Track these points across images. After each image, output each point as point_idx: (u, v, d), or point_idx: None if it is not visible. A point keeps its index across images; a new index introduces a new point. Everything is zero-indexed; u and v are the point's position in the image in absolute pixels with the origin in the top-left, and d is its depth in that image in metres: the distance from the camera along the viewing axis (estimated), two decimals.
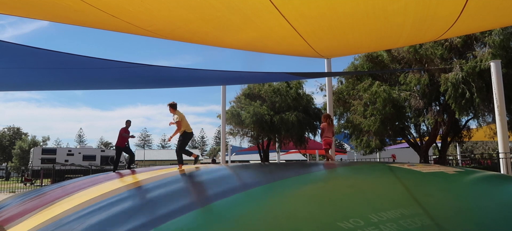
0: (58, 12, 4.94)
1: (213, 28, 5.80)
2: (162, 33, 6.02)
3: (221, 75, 8.81)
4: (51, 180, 24.74)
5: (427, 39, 8.29)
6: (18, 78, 7.30)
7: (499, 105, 9.25)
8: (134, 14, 5.00)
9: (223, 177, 4.97)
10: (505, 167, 9.10)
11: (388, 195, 3.23)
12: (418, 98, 12.04)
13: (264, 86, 18.53)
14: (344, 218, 2.54)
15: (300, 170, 4.86)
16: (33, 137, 55.76)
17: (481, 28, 8.78)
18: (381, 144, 14.02)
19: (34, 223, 4.06)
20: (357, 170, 4.85)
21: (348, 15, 5.48)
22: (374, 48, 10.64)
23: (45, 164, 28.20)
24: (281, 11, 5.06)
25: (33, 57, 5.98)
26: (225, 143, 18.94)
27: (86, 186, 5.77)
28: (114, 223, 3.20)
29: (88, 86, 10.37)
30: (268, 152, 20.68)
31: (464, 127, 14.07)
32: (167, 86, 10.87)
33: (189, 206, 3.38)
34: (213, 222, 2.85)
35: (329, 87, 11.61)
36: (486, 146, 50.04)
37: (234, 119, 18.06)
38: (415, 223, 2.45)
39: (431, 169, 4.17)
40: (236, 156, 36.71)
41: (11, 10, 4.94)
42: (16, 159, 49.50)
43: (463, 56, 11.48)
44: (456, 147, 30.29)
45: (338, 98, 14.24)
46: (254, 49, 7.76)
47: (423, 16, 5.51)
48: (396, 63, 12.77)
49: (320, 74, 12.11)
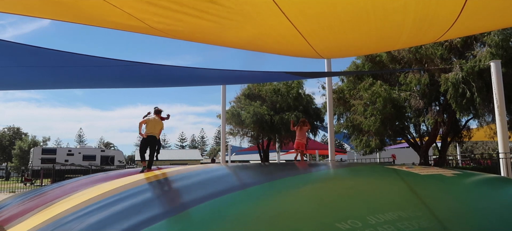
0: (58, 10, 4.94)
1: (212, 25, 5.80)
2: (161, 29, 6.01)
3: (221, 74, 8.82)
4: (51, 180, 24.75)
5: (426, 40, 8.29)
6: (18, 78, 7.31)
7: (499, 105, 9.25)
8: (132, 10, 4.99)
9: (222, 176, 4.98)
10: (505, 167, 9.11)
11: (386, 197, 3.23)
12: (418, 98, 12.04)
13: (264, 86, 18.54)
14: (342, 219, 2.54)
15: (298, 170, 4.87)
16: (33, 137, 55.75)
17: (480, 30, 8.77)
18: (381, 144, 14.02)
19: (34, 223, 4.07)
20: (355, 171, 4.86)
21: (348, 14, 5.48)
22: (374, 50, 10.63)
23: (45, 164, 28.22)
24: (282, 8, 5.06)
25: (33, 56, 5.99)
26: (225, 143, 18.95)
27: (85, 186, 5.78)
28: (113, 222, 3.21)
29: (88, 85, 10.38)
30: (268, 152, 20.70)
31: (464, 127, 14.07)
32: (167, 86, 10.88)
33: (188, 204, 3.39)
34: (210, 221, 2.85)
35: (329, 87, 11.62)
36: (486, 146, 50.00)
37: (234, 119, 18.08)
38: (412, 225, 2.46)
39: (429, 171, 4.17)
40: (236, 156, 36.73)
41: (11, 9, 4.95)
42: (16, 159, 49.48)
43: (463, 56, 11.48)
44: (456, 147, 30.28)
45: (338, 98, 14.24)
46: (254, 48, 7.75)
47: (423, 15, 5.51)
48: (396, 63, 12.78)
49: (320, 74, 12.12)
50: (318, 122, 19.23)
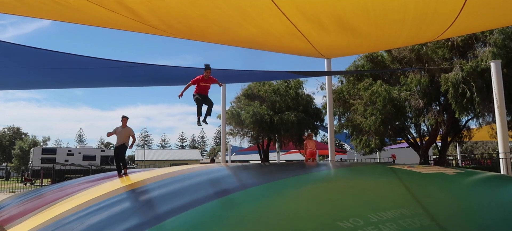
0: (58, 10, 4.94)
1: (213, 24, 5.80)
2: (161, 28, 6.01)
3: (221, 73, 8.82)
4: (51, 180, 24.71)
5: (427, 38, 8.28)
6: (19, 78, 7.31)
7: (499, 105, 9.25)
8: (134, 10, 5.00)
9: (223, 176, 4.97)
10: (505, 167, 9.10)
11: (387, 195, 3.22)
12: (418, 98, 12.03)
13: (264, 86, 18.52)
14: (344, 218, 2.53)
15: (300, 170, 4.86)
16: (33, 137, 55.68)
17: (480, 28, 8.78)
18: (381, 144, 14.00)
19: (34, 223, 4.06)
20: (357, 171, 4.85)
21: (348, 13, 5.48)
22: (374, 48, 10.64)
23: (45, 164, 28.19)
24: (282, 9, 5.06)
25: (34, 57, 5.99)
26: (225, 143, 18.94)
27: (85, 187, 5.76)
28: (113, 223, 3.20)
29: (89, 84, 10.39)
30: (268, 152, 20.67)
31: (464, 127, 14.07)
32: (168, 84, 10.90)
33: (188, 205, 3.38)
34: (212, 221, 2.84)
35: (329, 87, 11.61)
36: (486, 146, 50.00)
37: (234, 119, 18.06)
38: (414, 223, 2.45)
39: (430, 170, 4.17)
40: (236, 156, 36.70)
41: (11, 10, 4.94)
42: (16, 159, 49.42)
43: (463, 56, 11.47)
44: (456, 147, 30.27)
45: (338, 98, 14.23)
46: (254, 46, 7.76)
47: (423, 14, 5.51)
48: (396, 63, 12.77)
49: (320, 73, 12.11)
50: (318, 122, 19.21)
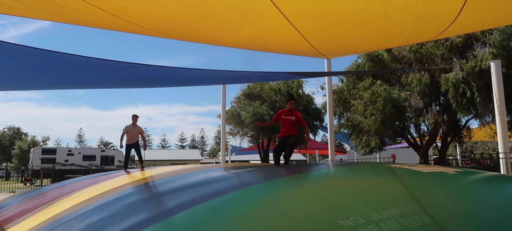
0: (58, 12, 4.94)
1: (213, 26, 5.80)
2: (161, 32, 6.01)
3: (221, 74, 8.82)
4: (51, 180, 24.71)
5: (426, 37, 8.28)
6: (19, 79, 7.30)
7: (499, 105, 9.25)
8: (134, 12, 4.99)
9: (222, 176, 4.96)
10: (505, 167, 9.10)
11: (388, 194, 3.22)
12: (418, 98, 12.03)
13: (264, 86, 18.52)
14: (344, 216, 2.52)
15: (300, 169, 4.85)
16: (33, 136, 55.69)
17: (480, 27, 8.77)
18: (381, 144, 14.00)
19: (33, 223, 4.05)
20: (357, 170, 4.85)
21: (348, 13, 5.47)
22: (374, 47, 10.63)
23: (45, 164, 28.19)
24: (281, 10, 5.06)
25: (35, 57, 5.98)
26: (225, 143, 18.93)
27: (85, 186, 5.76)
28: (113, 222, 3.19)
29: (89, 86, 10.38)
30: (268, 152, 20.66)
31: (464, 127, 14.06)
32: (168, 86, 10.90)
33: (187, 204, 3.37)
34: (211, 220, 2.83)
35: (329, 87, 11.60)
36: (486, 146, 50.04)
37: (234, 119, 18.05)
38: (415, 221, 2.44)
39: (431, 169, 4.17)
40: (236, 156, 36.70)
41: (11, 10, 4.94)
42: (16, 159, 49.41)
43: (463, 56, 11.47)
44: (456, 147, 30.28)
45: (339, 97, 14.22)
46: (254, 47, 7.75)
47: (423, 14, 5.50)
48: (396, 63, 12.76)
49: (320, 74, 12.10)
50: (318, 122, 19.19)
